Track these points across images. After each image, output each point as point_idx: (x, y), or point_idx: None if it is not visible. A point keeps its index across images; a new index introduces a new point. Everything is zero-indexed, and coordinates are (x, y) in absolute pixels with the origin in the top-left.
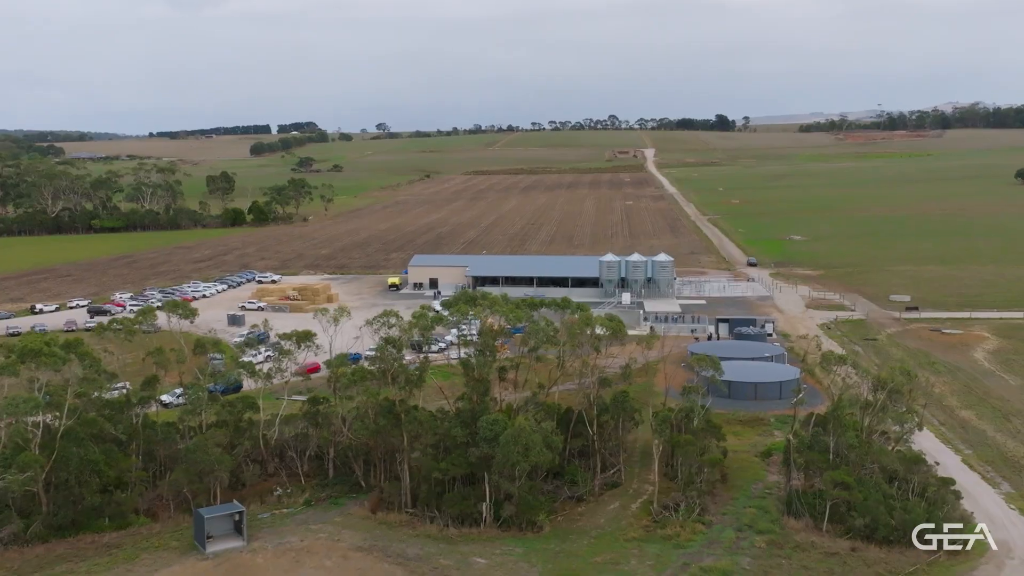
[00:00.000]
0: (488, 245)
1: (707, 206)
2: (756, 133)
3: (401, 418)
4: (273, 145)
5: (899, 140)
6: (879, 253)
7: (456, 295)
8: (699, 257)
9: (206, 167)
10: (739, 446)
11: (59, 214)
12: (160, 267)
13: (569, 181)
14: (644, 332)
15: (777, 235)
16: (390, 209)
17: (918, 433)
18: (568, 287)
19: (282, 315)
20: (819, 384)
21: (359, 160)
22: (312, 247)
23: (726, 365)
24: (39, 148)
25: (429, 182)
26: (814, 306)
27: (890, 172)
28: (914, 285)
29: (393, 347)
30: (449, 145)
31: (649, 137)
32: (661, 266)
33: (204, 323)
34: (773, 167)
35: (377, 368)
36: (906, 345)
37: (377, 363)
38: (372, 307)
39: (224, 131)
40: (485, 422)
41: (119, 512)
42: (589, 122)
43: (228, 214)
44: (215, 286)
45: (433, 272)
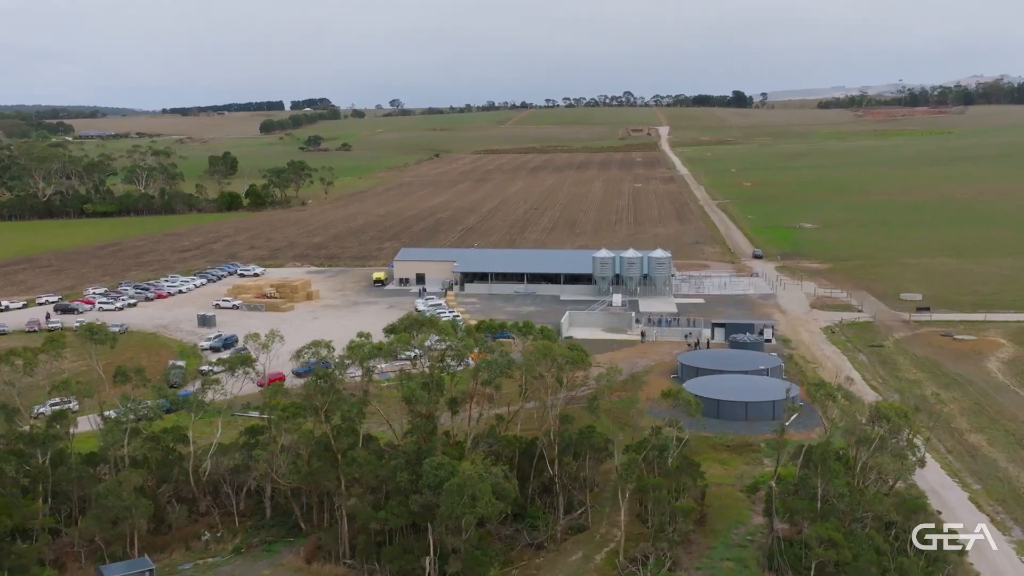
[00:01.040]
0: (487, 233)
1: (718, 189)
2: (773, 110)
3: (338, 459)
4: (283, 122)
5: (920, 117)
6: (891, 243)
7: (401, 320)
8: (703, 248)
9: (215, 145)
10: (724, 477)
11: (50, 198)
12: (144, 257)
13: (580, 161)
14: (635, 336)
15: (787, 222)
16: (393, 192)
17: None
18: (560, 283)
19: (257, 315)
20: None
21: (369, 138)
22: (305, 234)
23: (716, 380)
24: (48, 126)
25: (437, 162)
26: (819, 305)
27: (909, 151)
28: (927, 281)
29: (324, 380)
30: (461, 123)
31: (664, 114)
32: (658, 263)
33: (175, 323)
34: (789, 146)
35: (308, 404)
36: (914, 353)
37: (306, 398)
38: (353, 306)
39: (237, 107)
40: (429, 466)
41: (20, 565)
42: (604, 99)
43: (224, 198)
44: (193, 280)
45: (420, 267)
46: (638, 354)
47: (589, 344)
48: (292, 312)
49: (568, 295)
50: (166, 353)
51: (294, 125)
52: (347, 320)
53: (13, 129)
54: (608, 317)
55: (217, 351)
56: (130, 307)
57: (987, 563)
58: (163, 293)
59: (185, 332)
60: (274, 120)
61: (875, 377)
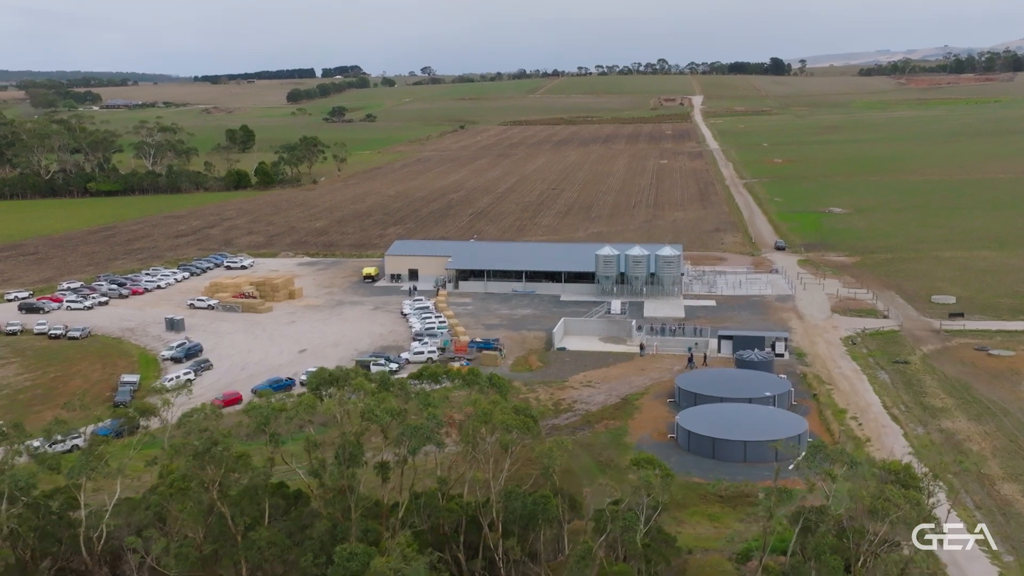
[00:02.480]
0: (496, 218)
1: (746, 166)
2: (812, 78)
3: (237, 541)
4: (311, 92)
5: (965, 84)
6: (926, 232)
7: (312, 377)
8: (723, 236)
9: (239, 115)
10: (712, 540)
11: (53, 176)
12: (137, 243)
13: (607, 134)
14: (634, 348)
15: (816, 206)
16: (409, 168)
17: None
18: (562, 282)
19: (232, 316)
20: (830, 435)
21: (395, 108)
22: (308, 218)
23: (715, 411)
24: (76, 95)
25: (461, 134)
26: (841, 309)
27: (952, 123)
28: (962, 279)
29: (218, 445)
30: (491, 92)
31: (698, 83)
32: (666, 261)
33: (143, 325)
34: (826, 117)
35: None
36: (943, 372)
37: (197, 468)
38: (337, 306)
39: (268, 75)
40: (340, 557)
41: None
42: (637, 66)
43: (232, 177)
44: (175, 274)
45: (413, 262)
46: (635, 370)
47: (584, 356)
48: (269, 314)
49: (569, 295)
50: (125, 363)
51: (322, 94)
52: (326, 324)
53: (40, 99)
54: (606, 325)
55: (178, 361)
56: (101, 305)
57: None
58: (139, 289)
59: (151, 337)
60: (301, 90)
61: (897, 403)
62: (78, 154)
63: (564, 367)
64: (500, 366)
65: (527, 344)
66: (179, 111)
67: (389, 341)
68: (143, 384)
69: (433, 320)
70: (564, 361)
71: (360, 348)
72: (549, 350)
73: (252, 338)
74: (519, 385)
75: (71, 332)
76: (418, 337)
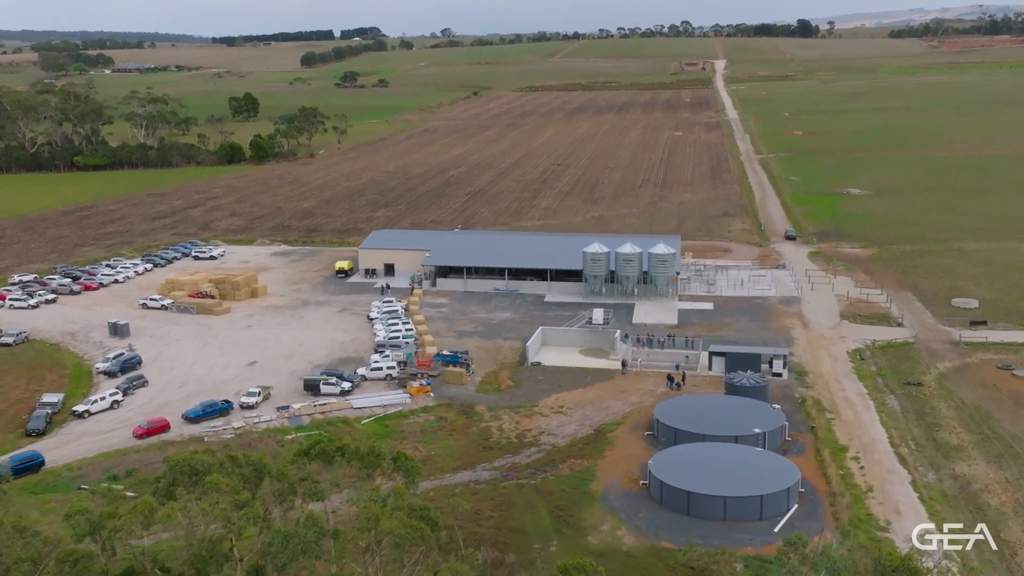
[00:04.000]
0: (494, 198)
1: (764, 139)
2: (840, 40)
3: None
4: (326, 55)
5: (1001, 47)
6: (950, 219)
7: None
8: (731, 222)
9: (251, 80)
10: None
11: (39, 149)
12: (110, 226)
13: (623, 101)
14: (616, 364)
15: (833, 186)
16: (414, 140)
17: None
18: (548, 280)
19: (184, 319)
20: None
21: (410, 73)
22: (296, 197)
23: (693, 455)
24: (87, 58)
25: (474, 101)
26: (851, 315)
27: (985, 90)
28: (987, 277)
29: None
30: (508, 55)
31: (722, 46)
32: (660, 260)
33: (87, 329)
34: (852, 82)
35: None
36: (960, 397)
37: None
38: (301, 307)
39: (286, 37)
40: None
41: None
42: (660, 28)
43: (224, 151)
44: (136, 266)
45: (389, 256)
46: (614, 392)
47: (559, 373)
48: (226, 316)
49: (556, 295)
50: (54, 376)
51: (337, 58)
52: (284, 330)
53: (51, 62)
54: (588, 335)
55: (112, 376)
56: (48, 303)
57: None
58: (92, 285)
59: (92, 344)
60: (316, 53)
61: (905, 439)
62: (68, 123)
63: (536, 387)
64: (466, 384)
65: (500, 356)
66: (191, 75)
67: (351, 351)
68: (67, 404)
69: (400, 327)
70: (537, 379)
71: (316, 360)
72: (523, 364)
73: (200, 347)
74: (483, 410)
75: (4, 337)
76: (380, 348)
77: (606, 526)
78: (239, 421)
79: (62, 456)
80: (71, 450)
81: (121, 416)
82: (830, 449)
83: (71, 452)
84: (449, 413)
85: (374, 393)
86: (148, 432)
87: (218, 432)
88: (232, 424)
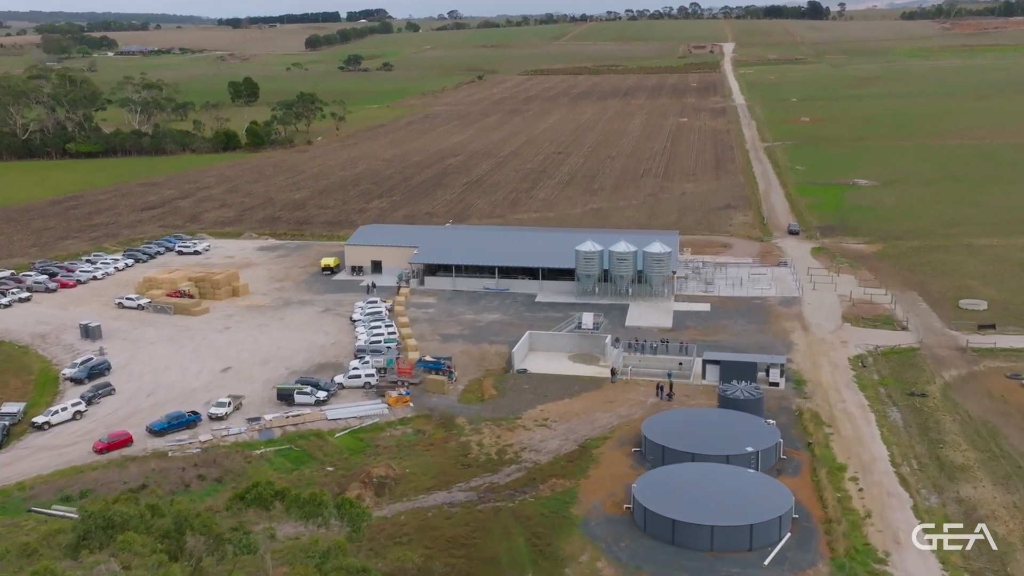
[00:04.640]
0: (491, 188)
1: (771, 126)
2: (851, 22)
3: None
4: (331, 38)
5: (1015, 29)
6: (960, 213)
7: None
8: (732, 215)
9: (254, 63)
10: None
11: (31, 136)
12: (97, 217)
13: (629, 86)
14: (605, 371)
15: (839, 176)
16: (414, 126)
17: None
18: (540, 279)
19: (160, 320)
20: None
21: (414, 56)
22: (289, 187)
23: (680, 477)
24: (90, 40)
25: (477, 85)
26: (854, 317)
27: (998, 74)
28: (997, 276)
29: None
30: (515, 38)
31: (731, 28)
32: (655, 259)
33: (58, 330)
34: (863, 66)
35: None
36: (967, 410)
37: None
38: (283, 307)
39: (292, 19)
40: None
41: None
42: (669, 10)
43: (220, 138)
44: (116, 262)
45: (376, 252)
46: (602, 403)
47: (546, 382)
48: (204, 317)
49: (547, 295)
50: (19, 383)
51: (342, 40)
52: (263, 332)
53: (53, 45)
54: (577, 340)
55: (79, 383)
56: (21, 302)
57: None
58: (69, 282)
59: (62, 346)
60: (320, 36)
61: (908, 457)
62: (61, 108)
63: (520, 397)
64: (448, 393)
65: (486, 362)
66: (194, 58)
67: (331, 356)
68: (29, 414)
69: (383, 330)
70: (522, 388)
71: (293, 366)
72: (509, 372)
73: (174, 350)
74: (463, 423)
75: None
76: (360, 354)
77: (585, 556)
78: (206, 434)
79: (15, 473)
80: (25, 467)
81: (84, 428)
82: (827, 469)
83: (25, 469)
84: (427, 426)
85: (350, 403)
86: (109, 447)
87: (183, 446)
88: (199, 437)
